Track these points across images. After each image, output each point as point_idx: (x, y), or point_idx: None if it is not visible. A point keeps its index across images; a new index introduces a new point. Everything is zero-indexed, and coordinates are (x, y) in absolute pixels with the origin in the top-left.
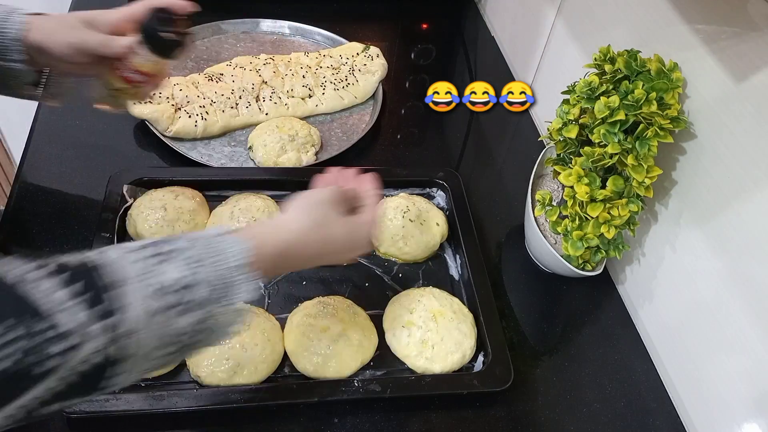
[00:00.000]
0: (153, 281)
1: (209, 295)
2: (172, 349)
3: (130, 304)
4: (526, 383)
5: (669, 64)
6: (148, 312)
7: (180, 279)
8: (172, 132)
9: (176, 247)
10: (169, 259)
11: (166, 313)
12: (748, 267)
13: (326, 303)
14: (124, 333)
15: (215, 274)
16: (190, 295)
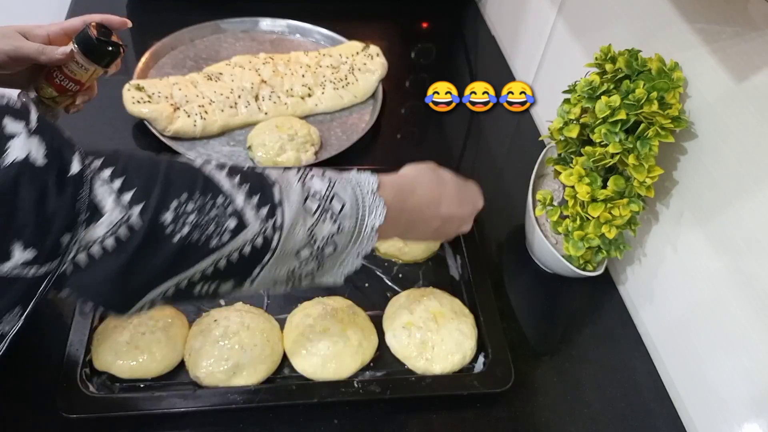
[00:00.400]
0: (305, 188)
1: (347, 211)
2: (307, 254)
3: (290, 200)
4: (526, 384)
5: (670, 64)
6: (301, 210)
7: (322, 189)
8: (171, 131)
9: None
10: (313, 176)
11: (314, 216)
12: (748, 267)
13: (326, 303)
14: (281, 224)
15: (351, 192)
16: (333, 205)
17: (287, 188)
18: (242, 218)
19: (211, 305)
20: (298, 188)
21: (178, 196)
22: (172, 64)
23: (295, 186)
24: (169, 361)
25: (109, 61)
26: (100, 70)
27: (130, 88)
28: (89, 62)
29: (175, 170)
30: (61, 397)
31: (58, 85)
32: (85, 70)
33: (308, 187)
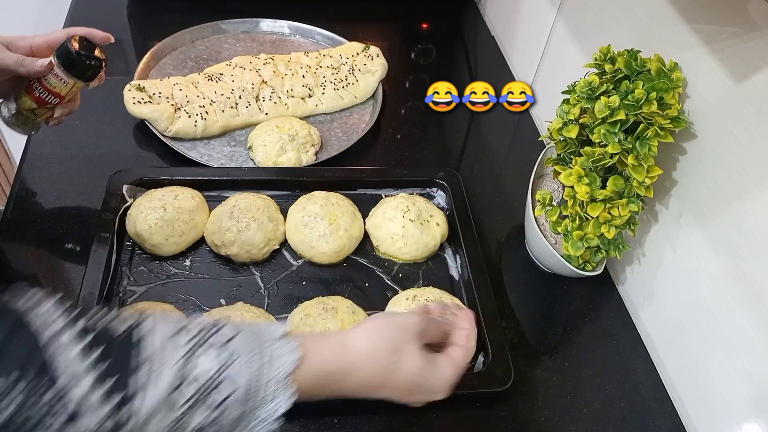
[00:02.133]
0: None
1: (238, 397)
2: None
3: (155, 387)
4: (526, 383)
5: (669, 64)
6: (164, 401)
7: (209, 372)
8: (172, 132)
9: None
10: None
11: (183, 407)
12: (748, 267)
13: (326, 303)
14: (132, 414)
15: (254, 374)
16: (216, 392)
17: (156, 372)
18: (81, 407)
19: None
20: (172, 372)
21: (7, 374)
22: (173, 64)
23: (169, 369)
24: None
25: (89, 75)
26: (81, 83)
27: (131, 89)
28: (68, 76)
29: (13, 342)
30: None
31: (38, 98)
32: (65, 84)
33: (189, 370)
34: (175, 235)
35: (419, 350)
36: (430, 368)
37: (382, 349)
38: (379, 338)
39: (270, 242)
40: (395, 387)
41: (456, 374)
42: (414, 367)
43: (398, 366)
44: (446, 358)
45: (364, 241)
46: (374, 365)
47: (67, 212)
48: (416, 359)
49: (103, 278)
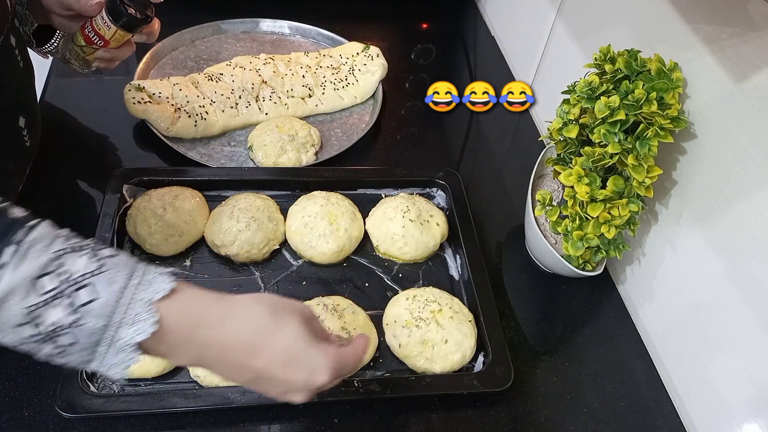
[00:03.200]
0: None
1: (95, 307)
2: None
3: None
4: (526, 383)
5: (669, 64)
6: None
7: (78, 272)
8: (172, 132)
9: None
10: (84, 255)
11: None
12: (748, 267)
13: (326, 303)
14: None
15: (117, 289)
16: (78, 294)
17: (28, 253)
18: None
19: None
20: (44, 260)
21: None
22: (173, 64)
23: (42, 257)
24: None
25: (127, 24)
26: (122, 32)
27: (131, 89)
28: (111, 21)
29: None
30: (61, 397)
31: (86, 36)
32: (108, 28)
33: (60, 263)
34: (175, 235)
35: (301, 325)
36: (310, 343)
37: (265, 309)
38: (264, 300)
39: (270, 242)
40: (272, 353)
41: (337, 363)
42: (293, 336)
43: (278, 330)
44: (328, 345)
45: (364, 241)
46: (254, 320)
47: (67, 212)
48: (297, 329)
49: None
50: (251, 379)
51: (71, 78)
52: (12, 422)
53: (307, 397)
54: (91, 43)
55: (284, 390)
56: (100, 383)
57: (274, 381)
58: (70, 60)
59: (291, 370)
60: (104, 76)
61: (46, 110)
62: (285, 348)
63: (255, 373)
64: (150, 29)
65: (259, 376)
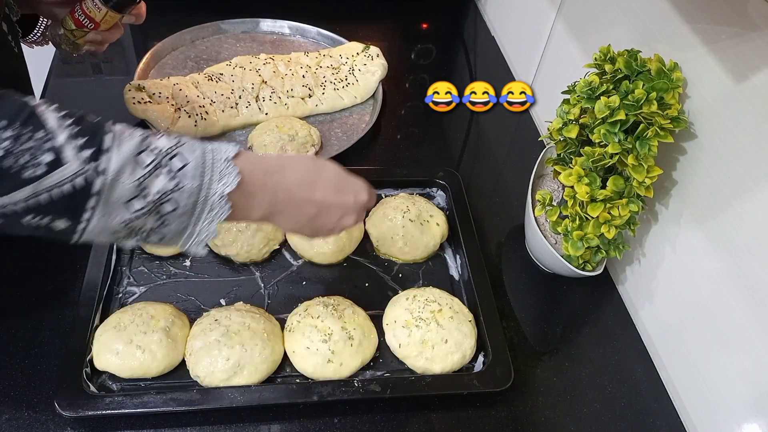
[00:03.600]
0: (145, 142)
1: (188, 170)
2: (140, 206)
3: (120, 148)
4: (526, 383)
5: (669, 64)
6: (131, 159)
7: (165, 147)
8: (172, 132)
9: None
10: (162, 137)
11: (146, 168)
12: (748, 267)
13: (326, 303)
14: (104, 168)
15: (199, 154)
16: (172, 162)
17: (122, 138)
18: (60, 155)
19: (209, 307)
20: (136, 141)
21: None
22: (173, 64)
23: (134, 139)
24: (170, 360)
25: (116, 4)
26: (113, 13)
27: (131, 89)
28: (100, 2)
29: (3, 101)
30: (61, 397)
31: (77, 20)
32: (99, 10)
33: (149, 142)
34: None
35: (335, 164)
36: (347, 173)
37: (308, 158)
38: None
39: (270, 242)
40: (325, 183)
41: (367, 183)
42: (335, 169)
43: (323, 168)
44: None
45: (364, 241)
46: (304, 164)
47: None
48: (335, 166)
49: (103, 278)
50: (314, 215)
51: (71, 78)
52: (12, 422)
53: (357, 218)
54: (81, 26)
55: (341, 214)
56: (100, 383)
57: (331, 207)
58: (60, 44)
59: (342, 193)
60: (104, 76)
61: None
62: (333, 178)
63: (316, 205)
64: (138, 10)
65: (319, 207)
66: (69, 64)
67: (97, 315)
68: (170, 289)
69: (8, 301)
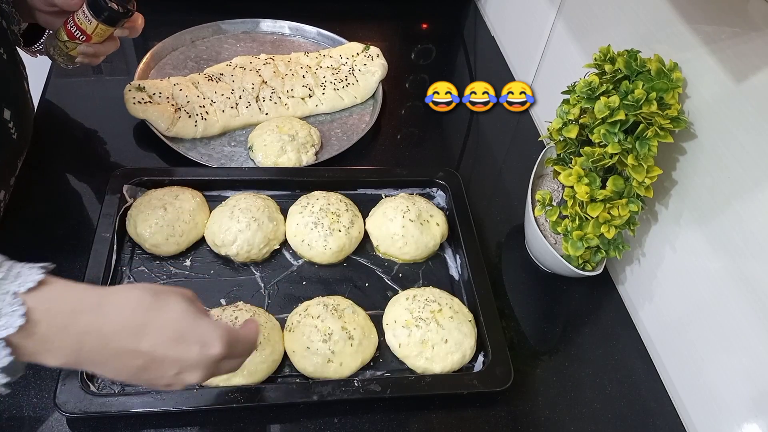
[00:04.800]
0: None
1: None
2: None
3: None
4: (526, 383)
5: (669, 64)
6: None
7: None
8: (172, 132)
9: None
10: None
11: None
12: (748, 267)
13: (326, 303)
14: None
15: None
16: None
17: None
18: None
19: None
20: None
21: None
22: (173, 64)
23: None
24: None
25: (108, 19)
26: (103, 26)
27: (131, 89)
28: (92, 15)
29: None
30: (61, 397)
31: (69, 31)
32: (90, 22)
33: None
34: (175, 235)
35: (184, 300)
36: (198, 316)
37: (143, 291)
38: (139, 285)
39: (270, 242)
40: (159, 330)
41: (229, 335)
42: (178, 310)
43: (161, 308)
44: (211, 318)
45: (364, 241)
46: (133, 301)
47: (67, 212)
48: (181, 304)
49: (104, 278)
50: (140, 367)
51: (71, 78)
52: (12, 422)
53: (205, 374)
54: (73, 38)
55: (178, 370)
56: (100, 383)
57: (165, 362)
58: (54, 56)
59: (182, 345)
60: (104, 77)
61: (46, 110)
62: (172, 323)
63: (143, 357)
64: (132, 24)
65: (148, 360)
66: None
67: None
68: None
69: None
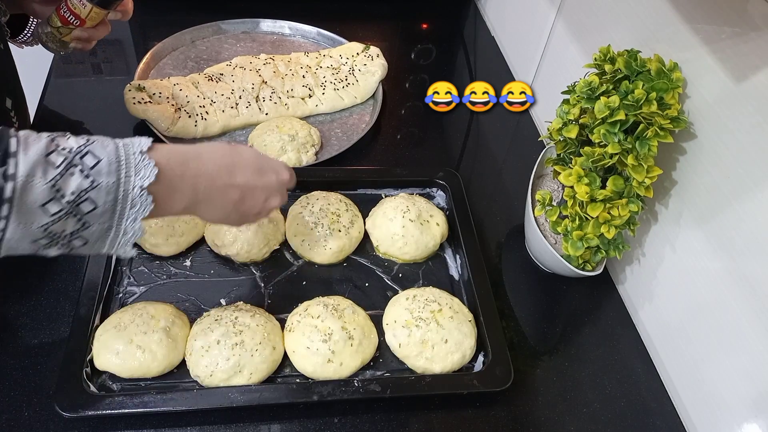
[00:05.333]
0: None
1: (102, 167)
2: (57, 209)
3: (27, 152)
4: (526, 383)
5: (669, 64)
6: (41, 161)
7: (74, 146)
8: (172, 132)
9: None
10: (70, 137)
11: (57, 168)
12: (748, 267)
13: (326, 303)
14: (13, 173)
15: (111, 150)
16: (84, 160)
17: (28, 141)
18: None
19: (209, 307)
20: (43, 143)
21: None
22: (173, 64)
23: (41, 141)
24: (170, 360)
25: (102, 1)
26: (98, 9)
27: (131, 89)
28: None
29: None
30: (61, 397)
31: (62, 17)
32: (84, 6)
33: (57, 143)
34: (175, 235)
35: (249, 147)
36: (263, 154)
37: (222, 142)
38: (217, 142)
39: (270, 242)
40: (245, 166)
41: (283, 163)
42: (252, 151)
43: (240, 151)
44: None
45: (364, 241)
46: (220, 149)
47: None
48: (250, 149)
49: (103, 278)
50: (238, 199)
51: (71, 78)
52: (12, 422)
53: (282, 197)
54: (67, 24)
55: (265, 196)
56: (100, 383)
57: (255, 190)
58: (47, 43)
59: (264, 174)
60: (104, 77)
61: (47, 110)
62: (252, 160)
63: (240, 189)
64: (124, 6)
65: (244, 190)
66: (69, 64)
67: (98, 315)
68: (170, 289)
69: (8, 301)
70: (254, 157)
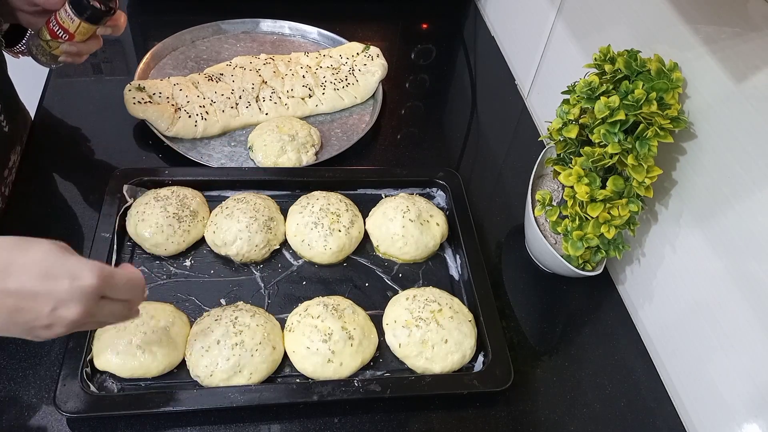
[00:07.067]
0: None
1: None
2: None
3: None
4: (526, 383)
5: (669, 64)
6: None
7: None
8: (172, 132)
9: None
10: None
11: None
12: (748, 267)
13: (326, 303)
14: None
15: None
16: None
17: None
18: None
19: (209, 307)
20: None
21: None
22: (173, 64)
23: None
24: (170, 360)
25: (90, 17)
26: (87, 25)
27: (131, 89)
28: (74, 13)
29: None
30: (61, 397)
31: (51, 30)
32: (72, 21)
33: None
34: (175, 235)
35: (50, 244)
36: (64, 255)
37: (7, 237)
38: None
39: (270, 242)
40: (25, 267)
41: (102, 269)
42: (43, 251)
43: (26, 248)
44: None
45: (364, 241)
46: (2, 243)
47: (67, 212)
48: (46, 247)
49: None
50: (14, 308)
51: (71, 78)
52: (12, 422)
53: (83, 308)
54: (56, 37)
55: (53, 305)
56: (100, 383)
57: (37, 298)
58: (37, 55)
59: (50, 280)
60: (104, 77)
61: (46, 110)
62: (37, 261)
63: (13, 296)
64: (115, 22)
65: (19, 299)
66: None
67: None
68: (170, 289)
69: None
70: (43, 257)
